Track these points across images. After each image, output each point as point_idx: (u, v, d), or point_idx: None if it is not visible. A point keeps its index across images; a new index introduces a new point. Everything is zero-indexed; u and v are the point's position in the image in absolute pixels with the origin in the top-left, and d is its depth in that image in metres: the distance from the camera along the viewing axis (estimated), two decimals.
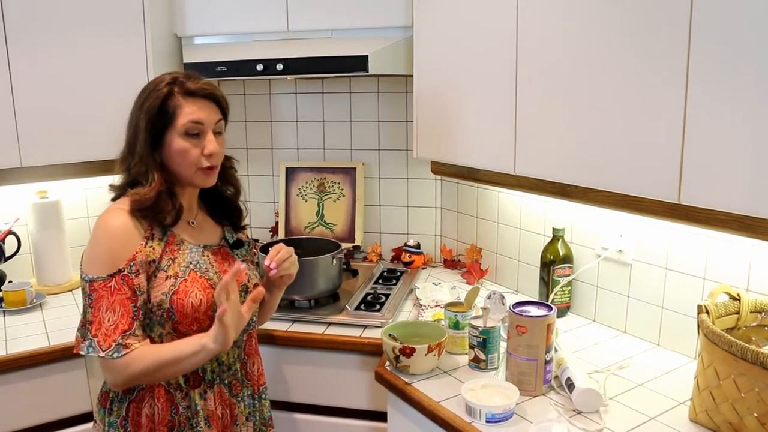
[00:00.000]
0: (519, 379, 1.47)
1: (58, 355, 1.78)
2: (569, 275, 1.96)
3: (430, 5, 1.99)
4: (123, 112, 2.13)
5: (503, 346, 1.61)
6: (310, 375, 1.91)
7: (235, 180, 1.56)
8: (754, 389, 1.19)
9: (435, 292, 2.13)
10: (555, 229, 1.97)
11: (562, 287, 1.95)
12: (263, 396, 1.58)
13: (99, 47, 2.10)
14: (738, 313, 1.38)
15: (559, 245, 1.96)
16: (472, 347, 1.62)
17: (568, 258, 1.96)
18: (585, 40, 1.49)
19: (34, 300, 2.11)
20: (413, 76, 2.11)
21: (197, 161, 1.37)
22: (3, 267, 2.23)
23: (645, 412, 1.40)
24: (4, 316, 2.03)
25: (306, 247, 2.21)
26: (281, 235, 2.61)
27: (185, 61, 2.23)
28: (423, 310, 1.99)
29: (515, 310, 1.49)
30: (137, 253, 1.33)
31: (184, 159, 1.36)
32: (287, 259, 1.53)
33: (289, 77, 2.37)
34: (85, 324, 1.31)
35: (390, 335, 1.64)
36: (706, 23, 1.22)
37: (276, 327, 1.89)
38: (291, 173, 2.64)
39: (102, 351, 1.27)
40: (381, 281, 2.29)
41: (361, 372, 1.85)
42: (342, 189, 2.59)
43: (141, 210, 1.35)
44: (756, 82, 1.15)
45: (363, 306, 2.03)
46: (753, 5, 1.14)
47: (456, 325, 1.70)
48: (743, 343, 1.19)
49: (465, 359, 1.66)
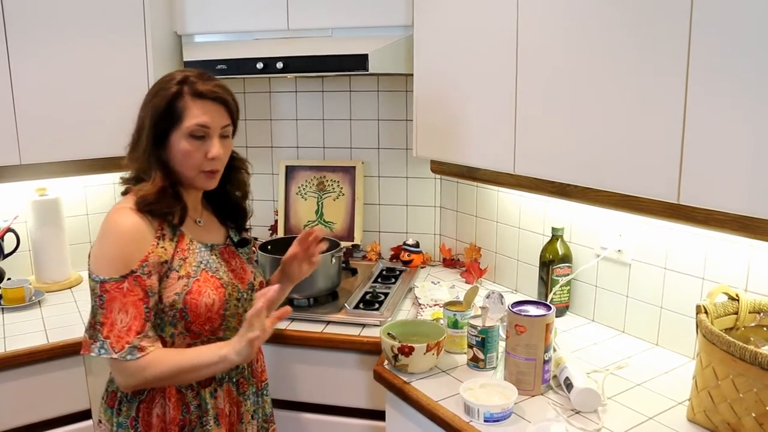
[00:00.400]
0: (517, 379, 1.48)
1: (56, 353, 1.78)
2: (568, 275, 1.96)
3: (430, 4, 1.99)
4: (123, 109, 2.13)
5: (502, 345, 1.61)
6: (308, 373, 1.91)
7: (244, 184, 1.55)
8: (752, 389, 1.19)
9: (434, 291, 2.13)
10: (554, 229, 1.97)
11: (561, 287, 1.95)
12: (265, 392, 1.58)
13: (99, 45, 2.10)
14: (736, 314, 1.38)
15: (558, 245, 1.96)
16: (470, 346, 1.62)
17: (567, 257, 1.96)
18: (585, 40, 1.49)
19: (32, 297, 2.11)
20: (413, 75, 2.11)
21: (200, 164, 1.36)
22: (2, 264, 2.23)
23: (643, 411, 1.40)
24: (2, 313, 2.03)
25: None
26: (281, 234, 2.61)
27: (185, 59, 2.23)
28: (422, 309, 1.99)
29: (514, 309, 1.49)
30: (149, 254, 1.31)
31: (187, 161, 1.36)
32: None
33: (289, 76, 2.37)
34: (95, 325, 1.30)
35: (389, 334, 1.64)
36: (706, 23, 1.22)
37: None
38: (290, 172, 2.64)
39: (115, 353, 1.26)
40: (380, 280, 2.29)
41: (360, 371, 1.85)
42: (341, 188, 2.59)
43: (147, 208, 1.33)
44: (756, 82, 1.15)
45: (362, 305, 2.03)
46: (753, 6, 1.14)
47: (455, 325, 1.70)
48: (742, 344, 1.19)
49: (464, 358, 1.67)
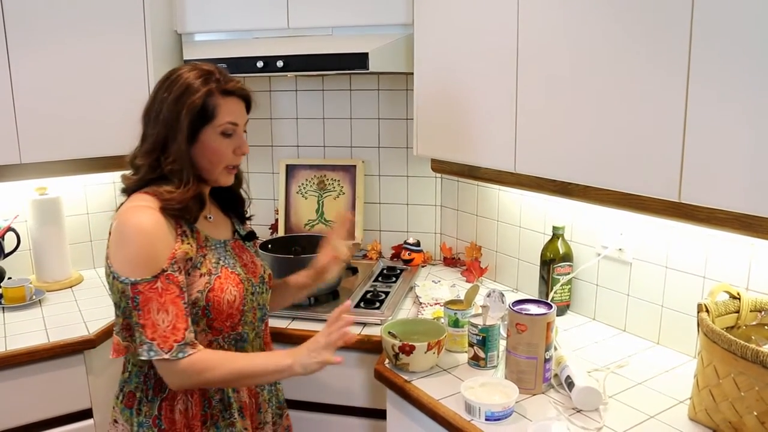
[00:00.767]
0: (518, 378, 1.47)
1: (57, 352, 1.78)
2: (569, 274, 1.95)
3: (430, 3, 1.99)
4: (123, 108, 2.16)
5: (503, 344, 1.61)
6: None
7: (239, 171, 1.55)
8: (753, 388, 1.19)
9: (435, 290, 2.13)
10: (555, 228, 1.96)
11: (561, 285, 1.95)
12: (278, 382, 1.60)
13: (99, 44, 2.10)
14: (738, 312, 1.38)
15: (559, 243, 1.95)
16: (471, 345, 1.62)
17: (568, 256, 1.96)
18: (586, 38, 1.49)
19: (33, 296, 2.11)
20: (413, 73, 2.11)
21: (229, 160, 1.38)
22: (2, 263, 2.23)
23: (644, 410, 1.40)
24: (3, 312, 2.03)
25: (305, 245, 2.21)
26: (281, 233, 2.61)
27: (185, 58, 2.23)
28: (423, 307, 1.99)
29: (515, 308, 1.49)
30: (177, 251, 1.31)
31: (217, 158, 1.36)
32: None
33: (290, 74, 2.37)
34: (134, 328, 1.28)
35: (389, 333, 1.64)
36: (707, 22, 1.22)
37: (275, 324, 1.88)
38: (291, 170, 2.64)
39: (165, 353, 1.25)
40: (381, 279, 2.29)
41: (361, 370, 1.85)
42: (342, 186, 2.59)
43: (172, 212, 1.32)
44: (757, 80, 1.15)
45: (362, 303, 2.03)
46: (754, 5, 1.14)
47: (455, 323, 1.70)
48: (743, 342, 1.19)
49: (464, 357, 1.66)
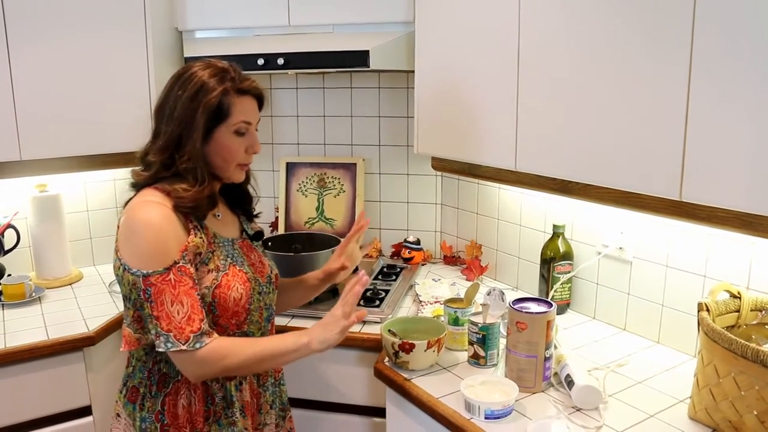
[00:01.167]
0: (518, 376, 1.47)
1: (56, 349, 1.78)
2: (569, 272, 1.95)
3: (431, 0, 1.98)
4: (123, 106, 2.16)
5: (503, 342, 1.61)
6: (308, 370, 1.91)
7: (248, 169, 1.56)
8: (754, 387, 1.19)
9: (435, 288, 2.13)
10: (555, 226, 1.96)
11: (562, 284, 1.95)
12: (282, 382, 1.59)
13: (99, 41, 2.09)
14: (738, 311, 1.37)
15: (560, 242, 1.95)
16: (471, 343, 1.61)
17: (568, 255, 1.95)
18: (587, 35, 1.48)
19: (33, 293, 2.11)
20: (414, 71, 2.10)
21: (241, 158, 1.38)
22: (2, 260, 2.22)
23: (644, 409, 1.40)
24: (3, 309, 2.03)
25: (306, 243, 2.21)
26: (281, 231, 2.61)
27: (186, 55, 2.23)
28: (422, 306, 1.99)
29: (515, 306, 1.48)
30: (189, 243, 1.31)
31: (230, 156, 1.36)
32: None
33: (290, 72, 2.36)
34: (143, 320, 1.29)
35: (389, 331, 1.64)
36: (709, 18, 1.21)
37: (275, 322, 1.88)
38: (291, 168, 2.64)
39: (182, 344, 1.25)
40: (381, 277, 2.29)
41: (360, 368, 1.85)
42: (342, 184, 2.59)
43: (184, 209, 1.32)
44: (759, 78, 1.15)
45: (362, 301, 2.02)
46: (756, 1, 1.14)
47: (455, 322, 1.69)
48: (743, 341, 1.19)
49: (464, 355, 1.66)
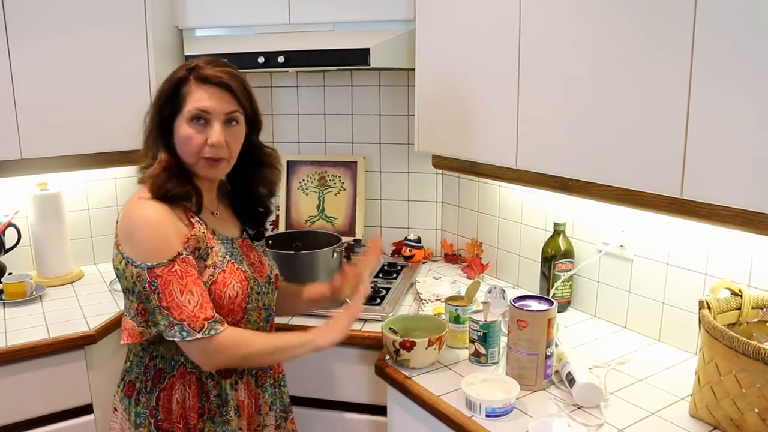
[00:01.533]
0: (519, 374, 1.47)
1: (57, 347, 1.78)
2: (570, 270, 1.95)
3: None
4: (124, 104, 2.16)
5: (504, 340, 1.61)
6: (309, 368, 1.90)
7: (272, 183, 1.53)
8: (755, 385, 1.19)
9: (435, 286, 2.13)
10: (556, 224, 1.96)
11: (562, 282, 1.95)
12: (282, 383, 1.59)
13: (100, 39, 2.09)
14: (739, 309, 1.37)
15: (560, 240, 1.95)
16: (472, 341, 1.61)
17: (569, 253, 1.95)
18: (588, 33, 1.48)
19: (34, 292, 2.11)
20: (415, 69, 2.10)
21: (200, 150, 1.33)
22: (3, 259, 2.23)
23: (645, 407, 1.40)
24: (3, 308, 2.03)
25: (306, 241, 2.21)
26: (282, 229, 2.61)
27: (186, 54, 2.23)
28: (423, 304, 1.99)
29: (516, 304, 1.48)
30: (190, 236, 1.31)
31: (187, 146, 1.33)
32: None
33: (291, 70, 2.36)
34: (152, 312, 1.29)
35: (390, 329, 1.64)
36: (710, 16, 1.21)
37: (276, 320, 1.88)
38: (292, 166, 2.64)
39: (198, 332, 1.25)
40: (381, 275, 2.29)
41: (361, 366, 1.85)
42: (343, 183, 2.59)
43: (160, 192, 1.31)
44: (760, 76, 1.15)
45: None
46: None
47: (456, 320, 1.69)
48: (745, 339, 1.19)
49: (465, 353, 1.66)
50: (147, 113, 1.38)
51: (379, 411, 1.82)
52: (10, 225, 2.21)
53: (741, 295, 1.38)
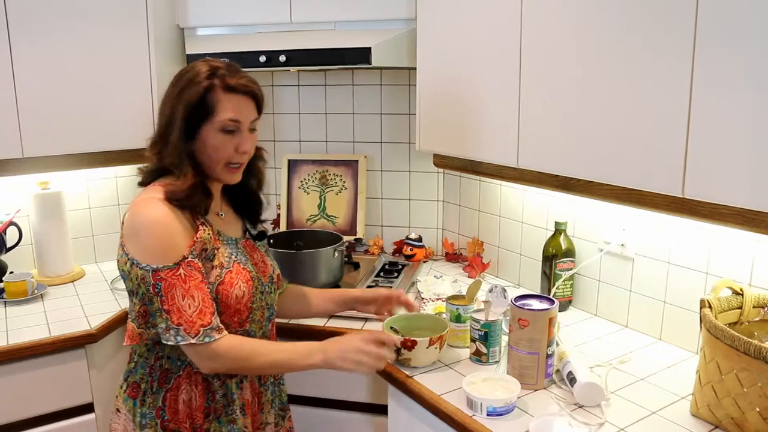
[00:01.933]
0: (520, 373, 1.47)
1: (58, 346, 1.78)
2: (571, 269, 1.95)
3: None
4: (125, 103, 2.16)
5: (505, 339, 1.61)
6: None
7: (261, 173, 1.56)
8: (756, 384, 1.18)
9: (437, 285, 2.13)
10: (557, 223, 1.96)
11: (564, 281, 1.95)
12: (281, 382, 1.60)
13: (101, 38, 2.09)
14: (741, 308, 1.37)
15: (562, 239, 1.95)
16: (473, 340, 1.61)
17: (570, 252, 1.95)
18: (589, 32, 1.48)
19: (35, 291, 2.11)
20: (416, 68, 2.10)
21: (229, 157, 1.37)
22: (4, 258, 2.23)
23: (646, 406, 1.40)
24: (5, 306, 2.03)
25: (307, 240, 2.21)
26: (283, 228, 2.61)
27: (188, 53, 2.22)
28: (424, 303, 1.99)
29: (517, 303, 1.48)
30: (196, 240, 1.32)
31: (216, 154, 1.35)
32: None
33: (292, 69, 2.36)
34: (147, 315, 1.30)
35: (391, 328, 1.64)
36: (712, 12, 1.21)
37: (277, 319, 1.88)
38: (293, 165, 2.64)
39: (192, 338, 1.27)
40: (382, 274, 2.29)
41: None
42: (344, 182, 2.59)
43: (177, 203, 1.33)
44: (762, 74, 1.14)
45: None
46: None
47: (458, 319, 1.69)
48: (746, 338, 1.19)
49: (466, 352, 1.66)
50: (164, 118, 1.36)
51: (380, 410, 1.82)
52: (11, 224, 2.21)
53: (742, 294, 1.38)
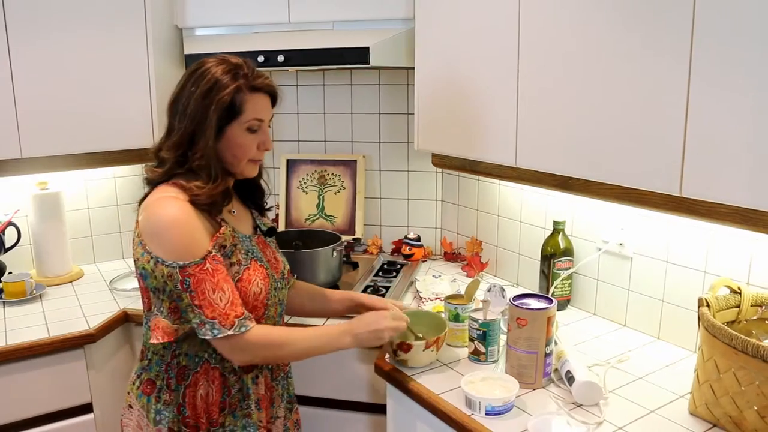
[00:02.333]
0: (519, 372, 1.47)
1: (57, 346, 1.79)
2: (570, 268, 1.95)
3: None
4: (124, 103, 2.16)
5: (503, 338, 1.61)
6: (309, 367, 1.90)
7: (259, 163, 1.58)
8: (754, 382, 1.19)
9: (435, 284, 2.13)
10: (555, 222, 1.96)
11: (562, 280, 1.95)
12: (290, 376, 1.62)
13: (99, 38, 2.09)
14: (738, 307, 1.37)
15: (560, 238, 1.95)
16: (472, 340, 1.61)
17: (568, 251, 1.95)
18: (587, 31, 1.48)
19: (34, 291, 2.11)
20: (414, 68, 2.10)
21: (253, 155, 1.40)
22: (3, 258, 2.23)
23: (645, 405, 1.40)
24: (3, 307, 2.03)
25: (306, 239, 2.21)
26: (282, 227, 2.61)
27: (186, 53, 2.22)
28: (423, 302, 1.99)
29: (516, 302, 1.48)
30: (218, 235, 1.34)
31: (242, 152, 1.38)
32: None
33: (291, 69, 2.36)
34: (183, 310, 1.31)
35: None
36: (709, 12, 1.21)
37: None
38: (292, 165, 2.64)
39: (228, 330, 1.28)
40: (381, 274, 2.29)
41: (361, 364, 1.85)
42: (343, 181, 2.59)
43: (203, 206, 1.34)
44: (760, 73, 1.15)
45: None
46: None
47: (456, 318, 1.69)
48: (744, 337, 1.19)
49: (465, 352, 1.66)
50: (187, 119, 1.34)
51: (379, 409, 1.82)
52: (10, 224, 2.21)
53: (740, 293, 1.38)
